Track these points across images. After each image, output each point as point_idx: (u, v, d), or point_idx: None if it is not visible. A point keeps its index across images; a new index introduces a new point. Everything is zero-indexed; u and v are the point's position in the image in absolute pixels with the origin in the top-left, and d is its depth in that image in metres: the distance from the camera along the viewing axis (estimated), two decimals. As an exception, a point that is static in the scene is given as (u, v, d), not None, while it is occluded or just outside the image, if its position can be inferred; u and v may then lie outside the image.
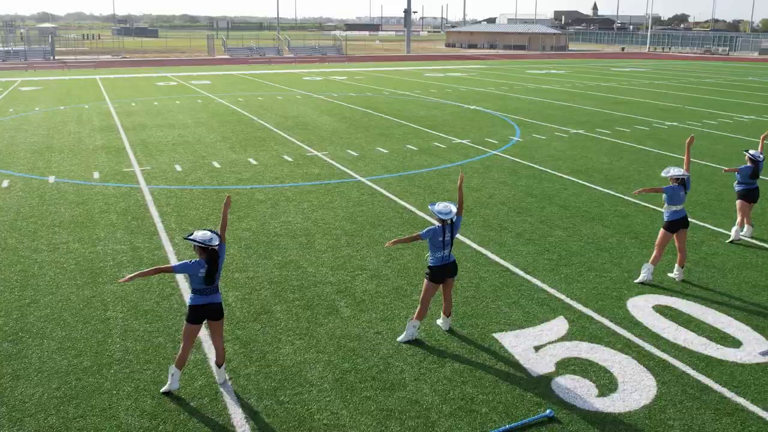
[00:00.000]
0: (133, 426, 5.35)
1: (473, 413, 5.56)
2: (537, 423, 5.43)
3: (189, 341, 5.78)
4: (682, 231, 8.28)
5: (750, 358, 6.52)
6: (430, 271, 6.62)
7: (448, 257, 6.59)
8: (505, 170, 14.36)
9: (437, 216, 6.50)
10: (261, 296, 7.81)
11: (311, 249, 9.38)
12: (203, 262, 5.64)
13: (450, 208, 6.54)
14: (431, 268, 6.61)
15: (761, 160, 9.71)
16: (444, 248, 6.52)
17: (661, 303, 7.75)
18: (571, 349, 6.63)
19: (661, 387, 5.99)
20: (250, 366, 6.26)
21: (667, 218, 8.25)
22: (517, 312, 7.44)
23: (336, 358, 6.42)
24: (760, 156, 9.73)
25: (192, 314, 5.71)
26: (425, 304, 6.72)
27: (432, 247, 6.57)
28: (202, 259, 5.65)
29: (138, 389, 5.86)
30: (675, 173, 8.08)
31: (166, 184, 12.95)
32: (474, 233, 10.11)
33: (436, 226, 6.53)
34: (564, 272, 8.62)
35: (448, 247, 6.55)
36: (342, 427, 5.36)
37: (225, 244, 5.88)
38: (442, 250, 6.53)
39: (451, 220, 6.51)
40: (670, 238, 8.29)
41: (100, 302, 7.62)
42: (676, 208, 8.19)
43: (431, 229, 6.51)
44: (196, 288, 5.71)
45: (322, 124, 20.85)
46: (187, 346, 5.79)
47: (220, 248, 5.74)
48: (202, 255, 5.67)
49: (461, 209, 6.82)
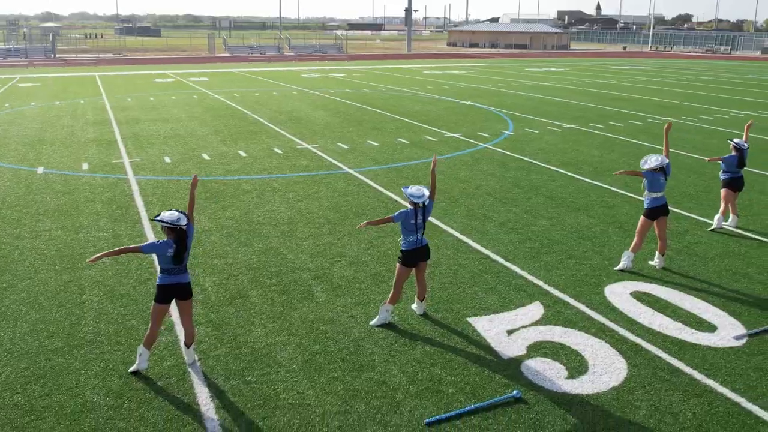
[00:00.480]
0: (98, 404, 5.34)
1: (439, 394, 5.54)
2: (503, 403, 5.41)
3: (157, 321, 5.78)
4: (662, 218, 8.24)
5: (724, 342, 6.48)
6: (403, 254, 6.60)
7: (421, 241, 6.57)
8: (495, 162, 14.33)
9: (409, 199, 6.48)
10: (238, 281, 7.80)
11: (293, 237, 9.38)
12: (171, 242, 5.64)
13: (422, 191, 6.52)
14: (404, 252, 6.59)
15: (746, 149, 9.67)
16: (416, 232, 6.51)
17: (639, 290, 7.71)
18: (544, 333, 6.60)
19: (632, 370, 5.96)
20: (220, 348, 6.26)
21: (648, 205, 8.21)
22: (494, 297, 7.42)
23: (307, 340, 6.41)
24: (744, 145, 9.69)
25: (160, 294, 5.71)
26: (398, 288, 6.70)
27: (404, 231, 6.55)
28: (171, 239, 5.65)
29: (106, 369, 5.86)
30: (653, 164, 8.05)
31: (153, 175, 12.95)
32: (457, 222, 10.08)
33: (408, 209, 6.52)
34: (544, 260, 8.59)
35: (420, 230, 6.53)
36: (307, 406, 5.35)
37: (193, 224, 5.88)
38: (414, 233, 6.51)
39: (423, 203, 6.50)
40: (650, 225, 8.26)
41: (77, 286, 7.62)
42: (656, 195, 8.15)
43: (403, 212, 6.49)
44: (164, 268, 5.71)
45: (316, 118, 20.85)
46: (156, 325, 5.78)
47: (188, 228, 5.74)
48: (170, 235, 5.67)
49: (434, 193, 6.80)
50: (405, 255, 6.58)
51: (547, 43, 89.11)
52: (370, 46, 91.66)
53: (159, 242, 5.67)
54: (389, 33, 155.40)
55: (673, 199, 11.56)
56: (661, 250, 8.37)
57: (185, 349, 5.98)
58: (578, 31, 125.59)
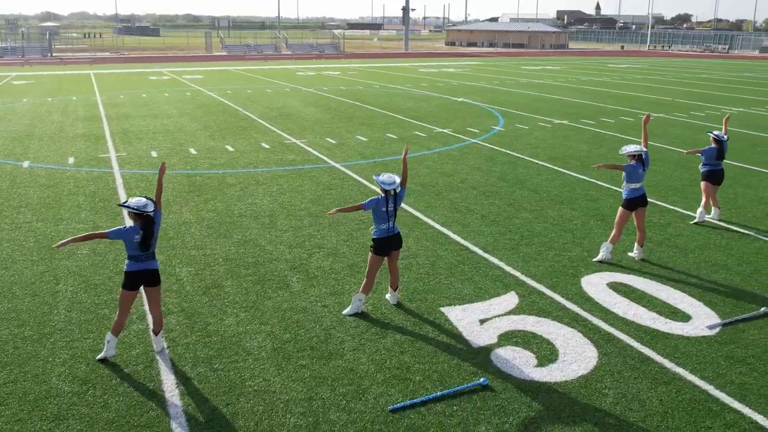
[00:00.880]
0: (63, 390, 5.32)
1: (406, 381, 5.51)
2: (469, 391, 5.38)
3: (125, 308, 5.75)
4: (641, 209, 8.22)
5: (697, 331, 6.46)
6: (375, 243, 6.58)
7: (393, 229, 6.55)
8: (482, 157, 14.31)
9: (381, 186, 6.46)
10: (214, 272, 7.78)
11: (273, 229, 9.35)
12: (138, 228, 5.62)
13: (394, 179, 6.50)
14: (375, 240, 6.57)
15: (725, 141, 9.64)
16: (388, 220, 6.48)
17: (616, 280, 7.69)
18: (516, 323, 6.58)
19: (602, 358, 5.94)
20: (190, 336, 6.23)
21: (626, 196, 8.19)
22: (469, 288, 7.39)
23: (278, 329, 6.38)
24: (724, 137, 9.66)
25: (128, 280, 5.69)
26: (371, 277, 6.67)
27: (376, 219, 6.53)
28: (137, 225, 5.63)
29: (74, 356, 5.84)
30: (631, 149, 8.03)
31: (138, 169, 12.93)
32: (439, 214, 10.06)
33: (379, 196, 6.51)
34: (523, 251, 8.57)
35: (391, 218, 6.51)
36: (272, 393, 5.32)
37: (161, 210, 5.86)
38: (386, 221, 6.49)
39: (394, 190, 6.48)
40: (629, 216, 8.23)
41: (53, 277, 7.60)
42: (634, 186, 8.12)
43: (374, 200, 6.47)
44: (131, 254, 5.69)
45: (306, 114, 20.82)
46: (123, 313, 5.76)
47: (156, 215, 5.72)
48: (137, 221, 5.65)
49: (405, 181, 6.78)
50: (377, 243, 6.56)
51: (545, 43, 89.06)
52: (367, 45, 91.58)
53: (126, 228, 5.65)
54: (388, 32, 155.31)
55: (658, 192, 11.55)
56: (640, 241, 8.35)
57: (153, 337, 5.95)
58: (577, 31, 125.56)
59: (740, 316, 6.78)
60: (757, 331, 6.48)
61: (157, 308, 5.88)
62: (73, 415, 5.01)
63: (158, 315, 5.90)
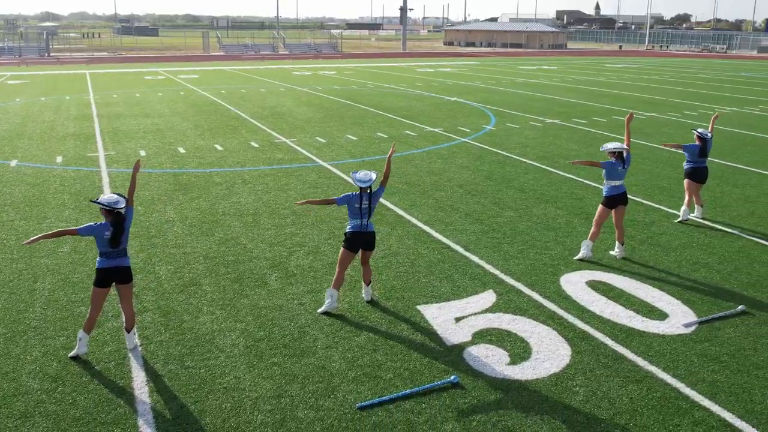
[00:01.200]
0: (32, 388, 5.31)
1: (377, 379, 5.50)
2: (439, 389, 5.37)
3: (96, 305, 5.74)
4: (621, 207, 8.21)
5: (673, 330, 6.45)
6: (346, 237, 6.59)
7: (366, 226, 6.54)
8: (471, 156, 14.30)
9: (355, 183, 6.46)
10: (193, 270, 7.77)
11: (255, 227, 9.34)
12: (108, 225, 5.62)
13: (370, 176, 6.49)
14: (347, 235, 6.58)
15: (709, 139, 9.63)
16: (361, 216, 6.48)
17: (595, 279, 7.68)
18: (492, 321, 6.57)
19: (575, 356, 5.93)
20: (164, 333, 6.22)
21: (606, 193, 8.18)
22: (447, 286, 7.38)
23: (253, 327, 6.37)
24: (707, 134, 9.65)
25: (99, 277, 5.68)
26: (340, 271, 6.67)
27: (350, 214, 6.53)
28: (108, 222, 5.63)
29: (46, 354, 5.82)
30: (611, 147, 8.02)
31: (126, 168, 12.92)
32: (423, 213, 10.05)
33: (353, 193, 6.50)
34: (505, 249, 8.55)
35: (365, 215, 6.50)
36: (241, 390, 5.31)
37: (133, 207, 5.85)
38: (359, 218, 6.48)
39: (370, 188, 6.47)
40: (608, 213, 8.23)
41: (31, 275, 7.59)
42: (614, 184, 8.12)
43: (347, 196, 6.48)
44: (102, 251, 5.68)
45: (298, 113, 20.81)
46: (95, 310, 5.75)
47: (128, 212, 5.72)
48: (108, 217, 5.65)
49: (386, 180, 6.77)
50: (347, 238, 6.56)
51: (543, 42, 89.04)
52: (365, 45, 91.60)
53: (96, 224, 5.65)
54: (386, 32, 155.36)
55: (644, 190, 11.54)
56: (619, 238, 8.33)
57: (126, 335, 5.94)
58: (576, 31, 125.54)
59: (717, 314, 6.77)
60: (732, 329, 6.47)
61: (129, 306, 5.86)
62: (40, 412, 5.00)
63: (130, 313, 5.88)
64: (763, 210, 10.55)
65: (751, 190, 11.79)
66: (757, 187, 12.02)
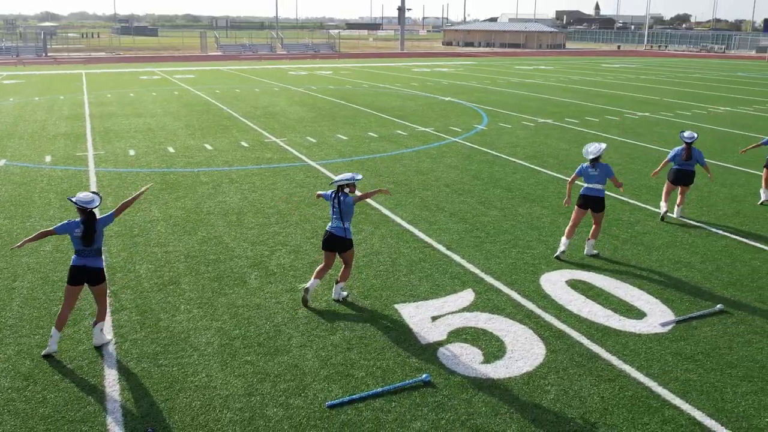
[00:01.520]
0: (3, 386, 5.30)
1: (348, 377, 5.50)
2: (411, 387, 5.37)
3: (67, 302, 5.76)
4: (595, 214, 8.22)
5: (650, 329, 6.44)
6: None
7: (336, 229, 6.64)
8: (460, 156, 14.29)
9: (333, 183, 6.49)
10: (173, 269, 7.77)
11: (239, 226, 9.34)
12: (80, 223, 5.63)
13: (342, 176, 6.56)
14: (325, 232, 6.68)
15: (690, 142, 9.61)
16: (335, 218, 6.60)
17: (576, 278, 7.67)
18: (468, 319, 6.56)
19: (550, 355, 5.92)
20: (140, 332, 6.22)
21: (580, 192, 8.22)
22: (426, 285, 7.37)
23: (229, 325, 6.37)
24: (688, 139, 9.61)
25: (70, 275, 5.70)
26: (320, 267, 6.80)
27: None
28: (80, 219, 5.65)
29: (20, 353, 5.82)
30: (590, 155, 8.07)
31: (114, 167, 12.91)
32: (407, 212, 10.04)
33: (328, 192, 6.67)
34: (487, 248, 8.55)
35: (336, 217, 6.60)
36: (212, 388, 5.31)
37: (117, 214, 5.91)
38: (333, 218, 6.62)
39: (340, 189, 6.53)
40: (582, 213, 8.26)
41: (11, 273, 7.59)
42: (589, 186, 8.16)
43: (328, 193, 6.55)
44: (76, 248, 5.72)
45: (290, 113, 20.81)
46: (66, 306, 5.77)
47: (108, 215, 5.78)
48: (81, 215, 5.67)
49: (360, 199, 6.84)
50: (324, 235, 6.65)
51: (542, 42, 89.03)
52: (363, 45, 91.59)
53: (69, 222, 5.69)
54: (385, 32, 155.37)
55: (632, 190, 11.53)
56: (593, 234, 8.34)
57: (93, 328, 5.93)
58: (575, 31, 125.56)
59: (695, 313, 6.77)
60: (709, 328, 6.46)
61: (100, 304, 5.86)
62: (9, 410, 5.00)
63: (101, 309, 5.89)
64: (749, 209, 10.55)
65: (739, 189, 11.78)
66: (745, 186, 12.01)
